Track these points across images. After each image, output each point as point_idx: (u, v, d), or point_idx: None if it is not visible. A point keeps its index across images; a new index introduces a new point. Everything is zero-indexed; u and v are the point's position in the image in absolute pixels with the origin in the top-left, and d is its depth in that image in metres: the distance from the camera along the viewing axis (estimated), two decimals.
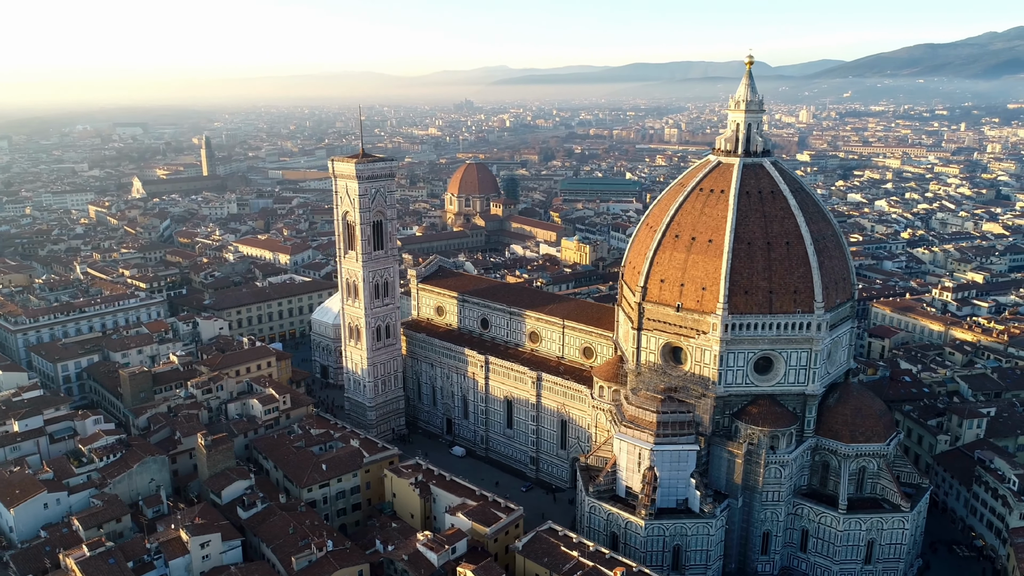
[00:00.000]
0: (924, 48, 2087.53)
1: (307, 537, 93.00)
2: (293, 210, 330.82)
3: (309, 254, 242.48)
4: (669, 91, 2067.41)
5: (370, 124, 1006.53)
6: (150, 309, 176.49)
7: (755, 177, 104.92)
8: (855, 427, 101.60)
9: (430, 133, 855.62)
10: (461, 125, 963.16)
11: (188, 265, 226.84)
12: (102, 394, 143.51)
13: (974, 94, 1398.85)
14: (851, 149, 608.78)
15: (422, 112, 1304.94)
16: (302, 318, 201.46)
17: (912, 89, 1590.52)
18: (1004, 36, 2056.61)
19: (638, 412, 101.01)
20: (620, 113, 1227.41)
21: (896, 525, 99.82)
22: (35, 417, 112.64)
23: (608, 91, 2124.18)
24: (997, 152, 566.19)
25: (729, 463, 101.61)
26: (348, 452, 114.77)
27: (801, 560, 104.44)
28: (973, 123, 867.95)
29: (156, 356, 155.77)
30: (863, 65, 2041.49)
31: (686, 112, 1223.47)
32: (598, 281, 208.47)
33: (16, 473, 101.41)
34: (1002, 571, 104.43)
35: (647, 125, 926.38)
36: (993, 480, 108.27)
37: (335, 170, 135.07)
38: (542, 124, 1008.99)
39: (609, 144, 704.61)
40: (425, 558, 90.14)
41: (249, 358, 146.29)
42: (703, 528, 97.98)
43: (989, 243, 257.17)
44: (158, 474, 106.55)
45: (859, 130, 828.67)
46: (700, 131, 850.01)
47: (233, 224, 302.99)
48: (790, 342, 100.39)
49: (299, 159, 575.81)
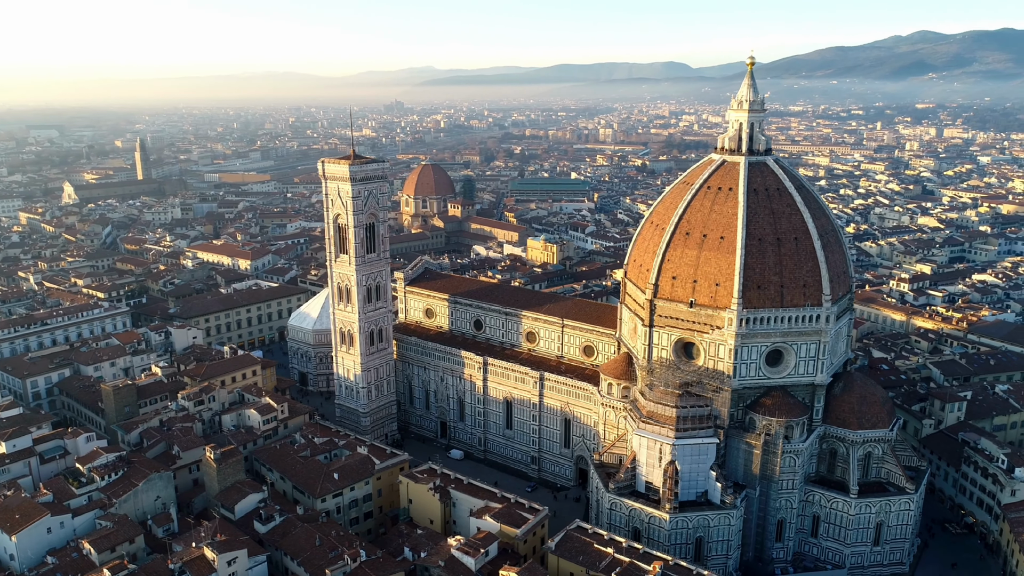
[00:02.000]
0: (835, 51, 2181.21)
1: (335, 548, 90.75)
2: (241, 214, 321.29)
3: (270, 259, 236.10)
4: (595, 92, 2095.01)
5: (300, 126, 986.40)
6: (115, 319, 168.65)
7: (761, 175, 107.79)
8: (861, 414, 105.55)
9: (364, 135, 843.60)
10: (395, 126, 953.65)
11: (142, 272, 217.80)
12: (77, 410, 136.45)
13: (884, 94, 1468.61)
14: (780, 148, 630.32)
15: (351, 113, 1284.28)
16: (271, 324, 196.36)
17: (826, 90, 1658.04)
18: (908, 40, 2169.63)
19: (657, 408, 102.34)
20: (551, 114, 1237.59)
21: (903, 507, 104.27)
22: (23, 437, 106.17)
23: (536, 92, 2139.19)
24: (916, 150, 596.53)
25: (747, 454, 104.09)
26: (358, 459, 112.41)
27: (812, 545, 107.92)
28: (888, 122, 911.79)
29: (130, 368, 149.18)
30: (779, 67, 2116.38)
31: (615, 113, 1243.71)
32: (569, 280, 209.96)
33: (12, 497, 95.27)
34: (994, 545, 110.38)
35: (581, 126, 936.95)
36: (982, 460, 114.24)
37: (325, 172, 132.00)
38: (476, 125, 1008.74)
39: (548, 145, 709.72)
40: (461, 563, 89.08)
41: (234, 367, 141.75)
42: (725, 519, 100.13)
43: (928, 236, 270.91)
44: (163, 491, 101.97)
45: (783, 130, 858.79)
46: (633, 131, 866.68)
47: (180, 229, 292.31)
48: (800, 335, 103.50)
49: (234, 161, 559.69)
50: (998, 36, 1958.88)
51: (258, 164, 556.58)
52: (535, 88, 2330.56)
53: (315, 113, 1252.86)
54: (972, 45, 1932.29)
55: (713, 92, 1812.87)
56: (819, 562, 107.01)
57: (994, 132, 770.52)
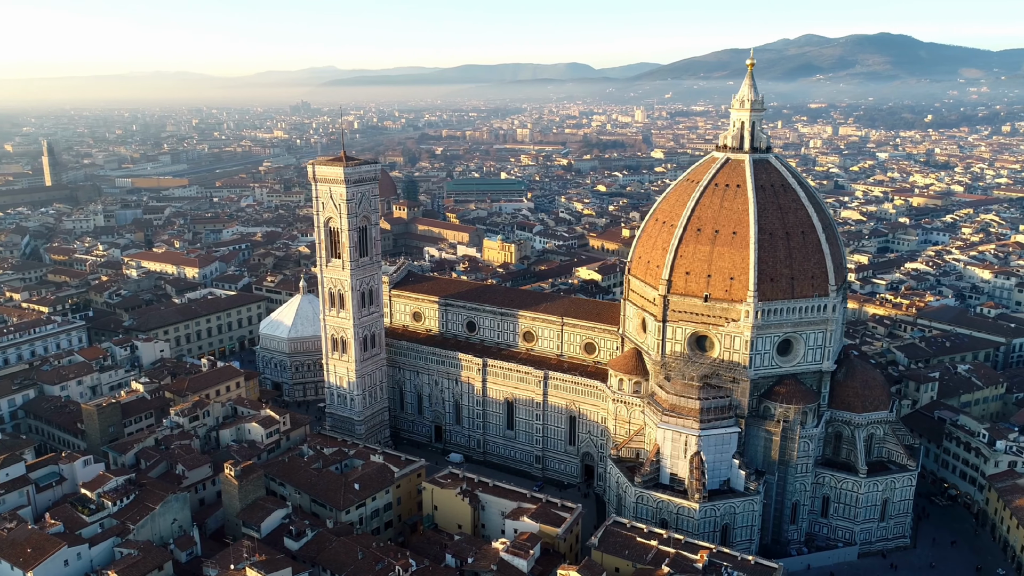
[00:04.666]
0: (730, 53, 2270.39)
1: (380, 560, 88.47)
2: (171, 220, 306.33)
3: (217, 267, 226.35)
4: (502, 92, 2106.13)
5: (206, 127, 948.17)
6: (70, 335, 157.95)
7: (765, 171, 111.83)
8: (864, 397, 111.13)
9: (276, 136, 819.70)
10: (307, 127, 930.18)
11: (80, 284, 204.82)
12: (49, 433, 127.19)
13: (777, 95, 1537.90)
14: (696, 147, 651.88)
15: (257, 115, 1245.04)
16: (231, 335, 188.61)
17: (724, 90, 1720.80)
18: (796, 43, 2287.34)
19: (679, 401, 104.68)
20: (463, 114, 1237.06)
21: (906, 483, 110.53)
22: (16, 465, 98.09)
23: (442, 92, 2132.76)
24: (820, 147, 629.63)
25: (766, 441, 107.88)
26: (375, 468, 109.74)
27: (823, 525, 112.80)
28: (787, 121, 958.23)
29: (97, 386, 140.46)
30: (679, 68, 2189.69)
31: (526, 113, 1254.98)
32: (534, 280, 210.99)
33: (17, 530, 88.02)
34: (980, 514, 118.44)
35: (496, 126, 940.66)
36: (964, 435, 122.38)
37: (317, 174, 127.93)
38: (390, 126, 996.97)
39: (469, 145, 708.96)
40: (512, 566, 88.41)
41: (217, 380, 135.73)
42: (749, 505, 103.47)
43: (855, 228, 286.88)
44: (179, 513, 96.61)
45: (692, 128, 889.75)
46: (548, 131, 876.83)
47: (107, 237, 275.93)
48: (810, 324, 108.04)
49: (144, 165, 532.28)
50: (876, 40, 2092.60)
51: (171, 168, 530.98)
52: (442, 89, 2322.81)
53: (218, 114, 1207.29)
54: (854, 48, 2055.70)
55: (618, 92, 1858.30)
56: (830, 540, 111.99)
57: (884, 130, 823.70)
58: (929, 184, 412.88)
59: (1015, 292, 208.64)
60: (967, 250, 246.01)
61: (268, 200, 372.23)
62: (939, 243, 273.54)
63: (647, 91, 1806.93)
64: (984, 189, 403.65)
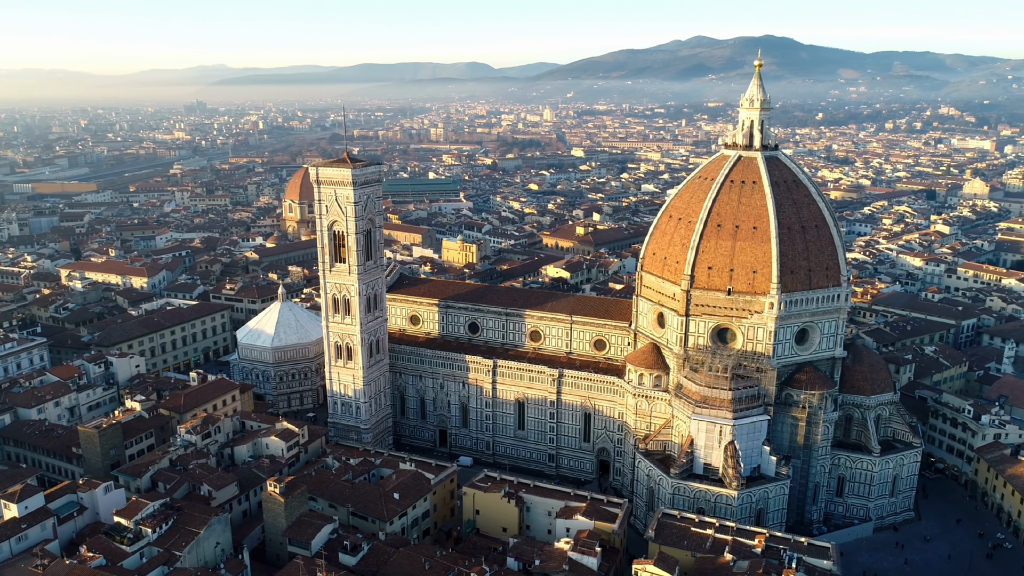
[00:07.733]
0: (627, 53, 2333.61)
1: (449, 568, 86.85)
2: (94, 228, 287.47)
3: (165, 275, 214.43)
4: (402, 91, 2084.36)
5: (97, 129, 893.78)
6: (32, 353, 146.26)
7: (777, 168, 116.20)
8: (873, 381, 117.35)
9: (178, 137, 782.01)
10: (208, 128, 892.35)
11: (16, 297, 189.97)
12: (35, 460, 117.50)
13: (674, 94, 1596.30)
14: (613, 145, 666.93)
15: (149, 115, 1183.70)
16: (195, 346, 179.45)
17: (623, 90, 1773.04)
18: (687, 44, 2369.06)
19: (711, 392, 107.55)
20: (369, 113, 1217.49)
21: (913, 459, 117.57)
22: (35, 496, 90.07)
23: (342, 92, 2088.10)
24: None
25: (791, 427, 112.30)
26: (409, 477, 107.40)
27: (838, 504, 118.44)
28: (689, 119, 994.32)
29: (76, 407, 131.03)
30: (578, 68, 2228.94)
31: (432, 112, 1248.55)
32: (500, 279, 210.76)
33: (55, 566, 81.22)
34: (969, 484, 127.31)
35: (408, 126, 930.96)
36: (950, 412, 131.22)
37: (320, 176, 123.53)
38: (296, 126, 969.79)
39: (387, 145, 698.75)
40: (582, 564, 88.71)
41: (213, 394, 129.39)
42: (781, 489, 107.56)
43: None
44: (221, 536, 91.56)
45: (601, 127, 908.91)
46: (460, 130, 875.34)
47: (26, 247, 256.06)
48: (825, 314, 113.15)
49: (41, 170, 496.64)
50: (762, 42, 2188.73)
51: (71, 172, 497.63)
52: (341, 88, 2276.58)
53: (106, 114, 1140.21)
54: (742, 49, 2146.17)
55: (520, 92, 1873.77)
56: (845, 518, 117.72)
57: (780, 128, 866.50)
58: (838, 179, 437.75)
59: (944, 277, 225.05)
60: (892, 240, 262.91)
61: (193, 204, 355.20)
62: (864, 234, 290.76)
63: (548, 91, 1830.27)
64: (888, 182, 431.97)
